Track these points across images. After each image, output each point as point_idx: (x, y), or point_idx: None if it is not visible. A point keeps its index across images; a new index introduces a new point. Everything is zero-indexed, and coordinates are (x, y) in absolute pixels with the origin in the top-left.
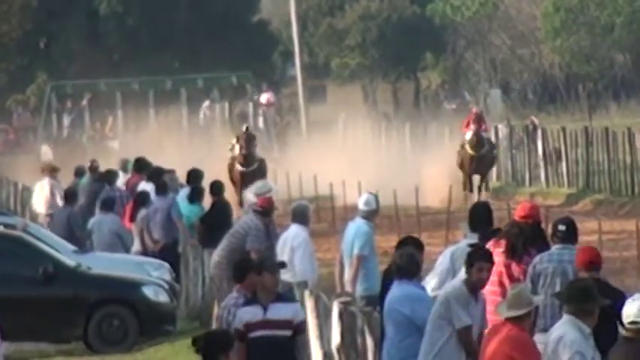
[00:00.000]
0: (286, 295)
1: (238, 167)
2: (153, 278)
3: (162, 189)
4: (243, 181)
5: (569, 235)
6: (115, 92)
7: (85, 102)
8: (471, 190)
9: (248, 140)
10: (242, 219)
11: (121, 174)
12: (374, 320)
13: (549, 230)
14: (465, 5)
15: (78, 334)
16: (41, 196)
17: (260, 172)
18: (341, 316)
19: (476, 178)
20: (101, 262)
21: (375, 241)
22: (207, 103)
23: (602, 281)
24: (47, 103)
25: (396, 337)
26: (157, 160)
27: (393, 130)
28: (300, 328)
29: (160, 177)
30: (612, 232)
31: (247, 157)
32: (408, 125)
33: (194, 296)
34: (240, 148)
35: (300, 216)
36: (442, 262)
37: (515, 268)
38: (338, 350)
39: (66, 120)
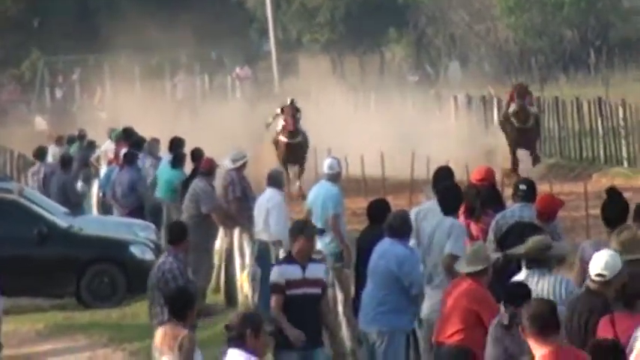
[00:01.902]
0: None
1: (283, 139)
2: (140, 238)
3: (130, 160)
4: (288, 153)
5: (529, 194)
6: (104, 67)
7: (75, 76)
8: (515, 169)
9: (293, 113)
10: (191, 185)
11: (107, 141)
12: (344, 275)
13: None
14: None
15: (71, 290)
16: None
17: (304, 144)
18: None
19: (521, 154)
20: (92, 224)
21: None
22: (179, 77)
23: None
24: (40, 77)
25: (378, 290)
26: (142, 130)
27: (359, 100)
28: (327, 286)
29: (141, 145)
30: (562, 194)
31: (292, 130)
32: (373, 95)
33: None
34: (286, 122)
35: (274, 180)
36: None
37: (474, 227)
38: None
39: (58, 93)
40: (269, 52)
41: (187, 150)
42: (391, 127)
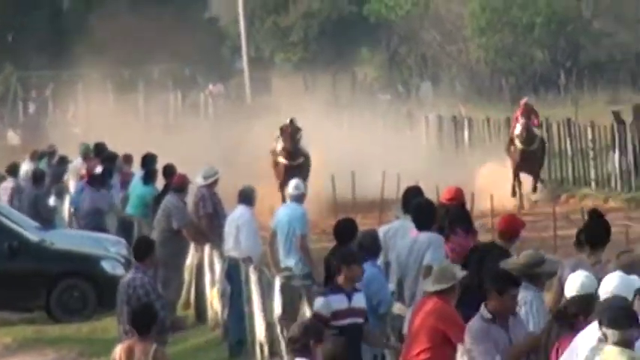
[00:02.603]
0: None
1: (282, 160)
2: (111, 253)
3: (96, 181)
4: (287, 175)
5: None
6: (77, 82)
7: (48, 91)
8: (514, 193)
9: (293, 133)
10: (163, 201)
11: (78, 157)
12: (313, 294)
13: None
14: (398, 5)
15: (40, 303)
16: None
17: (305, 166)
18: (282, 289)
19: (525, 179)
20: (63, 238)
21: (313, 222)
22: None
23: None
24: (13, 92)
25: None
26: (115, 146)
27: (331, 119)
28: (367, 315)
29: (113, 160)
30: (531, 214)
31: (292, 151)
32: (345, 114)
33: None
34: (285, 142)
35: (245, 197)
36: None
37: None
38: (279, 321)
39: (31, 108)
40: (241, 70)
41: (160, 166)
42: (362, 146)
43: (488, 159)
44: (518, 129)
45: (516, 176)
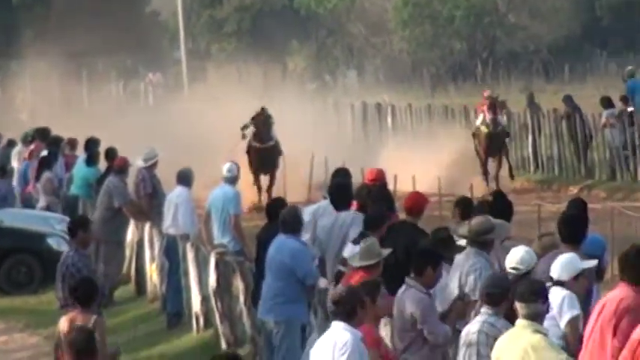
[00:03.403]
0: None
1: (255, 144)
2: (56, 231)
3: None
4: (259, 157)
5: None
6: (24, 72)
7: None
8: (486, 175)
9: (265, 120)
10: (105, 182)
11: (20, 144)
12: (245, 268)
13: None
14: None
15: None
16: None
17: (276, 150)
18: (217, 264)
19: (492, 166)
20: (12, 217)
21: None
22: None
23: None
24: None
25: (275, 282)
26: (60, 130)
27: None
28: None
29: (58, 144)
30: (450, 195)
31: (263, 135)
32: (276, 102)
33: None
34: (257, 127)
35: (183, 178)
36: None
37: None
38: (214, 293)
39: None
40: (179, 60)
41: (102, 150)
42: (292, 132)
43: (410, 143)
44: (480, 119)
45: (484, 164)
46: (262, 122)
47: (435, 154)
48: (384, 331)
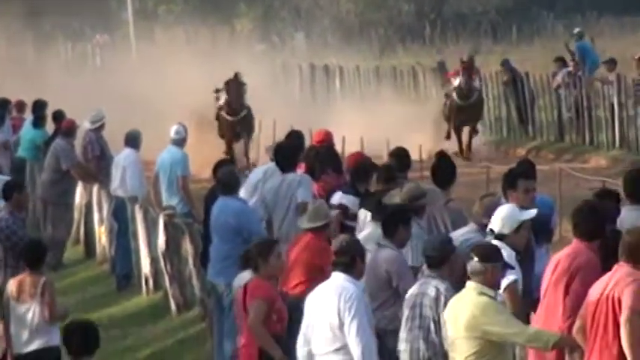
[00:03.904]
0: None
1: (226, 116)
2: None
3: None
4: (232, 131)
5: None
6: None
7: None
8: (449, 137)
9: (237, 87)
10: (52, 145)
11: None
12: (194, 230)
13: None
14: None
15: None
16: None
17: (249, 120)
18: (166, 226)
19: (464, 130)
20: None
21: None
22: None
23: None
24: None
25: (223, 244)
26: (6, 92)
27: (212, 69)
28: None
29: (5, 106)
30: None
31: (235, 106)
32: (224, 64)
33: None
34: (229, 96)
35: (132, 140)
36: (253, 177)
37: (315, 186)
38: (163, 255)
39: None
40: (127, 21)
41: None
42: None
43: (358, 104)
44: (456, 82)
45: (458, 133)
46: (235, 89)
47: (383, 116)
48: None
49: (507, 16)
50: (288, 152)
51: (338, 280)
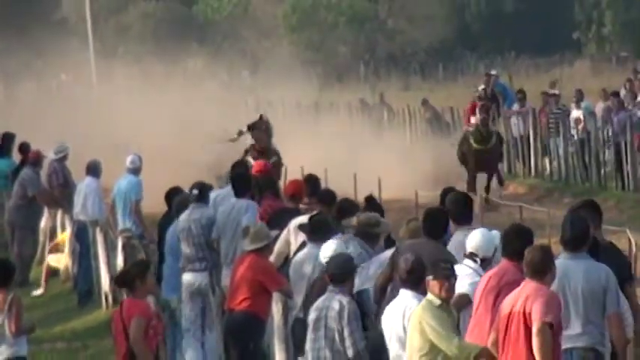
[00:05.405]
0: None
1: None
2: None
3: None
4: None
5: None
6: None
7: None
8: (474, 190)
9: (266, 130)
10: (19, 174)
11: None
12: (150, 250)
13: None
14: (221, 7)
15: None
16: None
17: (277, 167)
18: (124, 247)
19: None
20: None
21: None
22: None
23: None
24: None
25: (176, 264)
26: None
27: (164, 104)
28: None
29: None
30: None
31: (264, 151)
32: (177, 99)
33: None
34: (259, 141)
35: (92, 169)
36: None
37: (259, 210)
38: None
39: None
40: (89, 60)
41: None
42: (191, 126)
43: (299, 135)
44: (473, 122)
45: (474, 177)
46: (265, 134)
47: (321, 147)
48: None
49: (434, 56)
50: (244, 180)
51: (406, 296)
